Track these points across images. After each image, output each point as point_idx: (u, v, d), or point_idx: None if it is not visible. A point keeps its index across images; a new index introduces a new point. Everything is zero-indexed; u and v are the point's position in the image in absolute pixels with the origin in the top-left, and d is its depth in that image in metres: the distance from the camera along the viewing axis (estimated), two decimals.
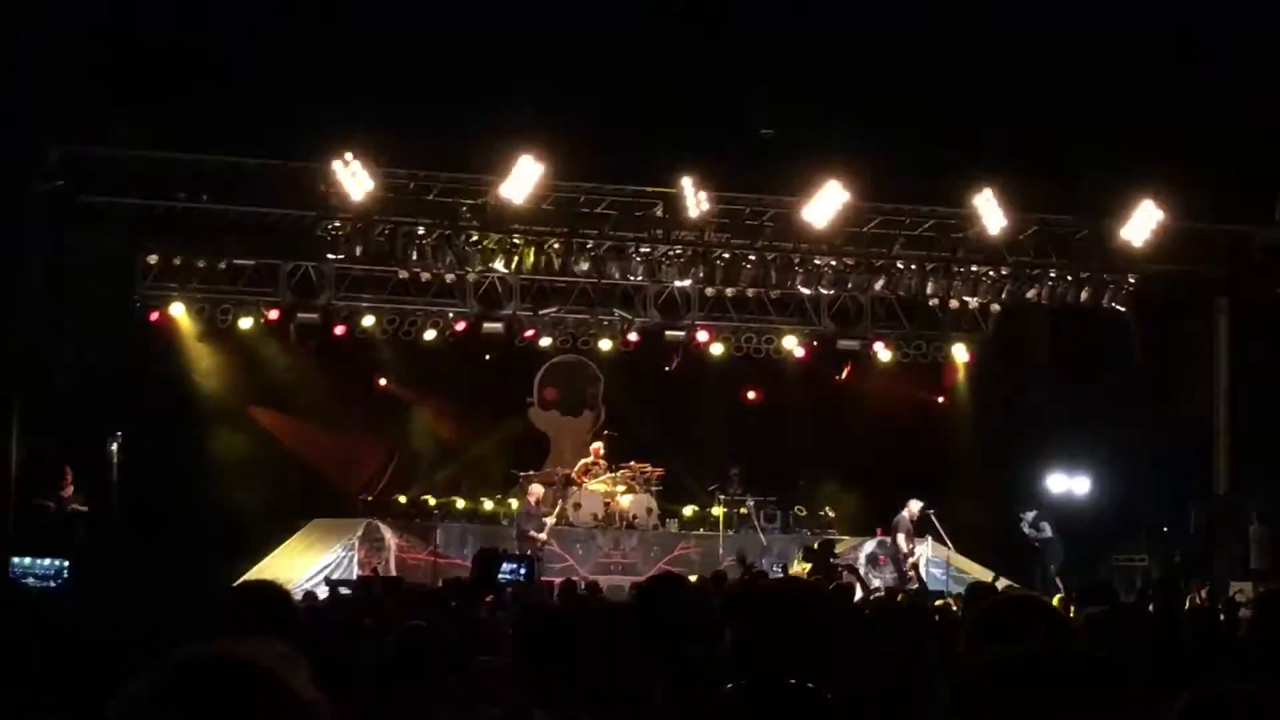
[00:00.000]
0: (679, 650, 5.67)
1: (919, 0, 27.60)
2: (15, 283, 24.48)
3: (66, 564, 22.08)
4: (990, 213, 29.15)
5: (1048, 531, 30.46)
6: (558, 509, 30.12)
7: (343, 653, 9.10)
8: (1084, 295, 30.53)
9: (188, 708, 2.51)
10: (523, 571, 18.41)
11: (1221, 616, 14.73)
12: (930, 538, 30.08)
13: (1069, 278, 30.54)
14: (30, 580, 19.74)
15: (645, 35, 27.01)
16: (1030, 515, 30.79)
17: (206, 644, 2.66)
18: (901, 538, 29.56)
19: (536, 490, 29.59)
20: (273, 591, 6.64)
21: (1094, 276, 30.47)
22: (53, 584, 19.87)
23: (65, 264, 27.22)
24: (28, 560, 21.66)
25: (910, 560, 29.38)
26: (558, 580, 22.66)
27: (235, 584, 8.99)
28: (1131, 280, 30.52)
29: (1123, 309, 30.77)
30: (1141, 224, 29.52)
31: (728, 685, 4.86)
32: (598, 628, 7.14)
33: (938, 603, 18.80)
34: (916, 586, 27.79)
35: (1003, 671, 2.86)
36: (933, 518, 29.48)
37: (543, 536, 28.78)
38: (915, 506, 29.62)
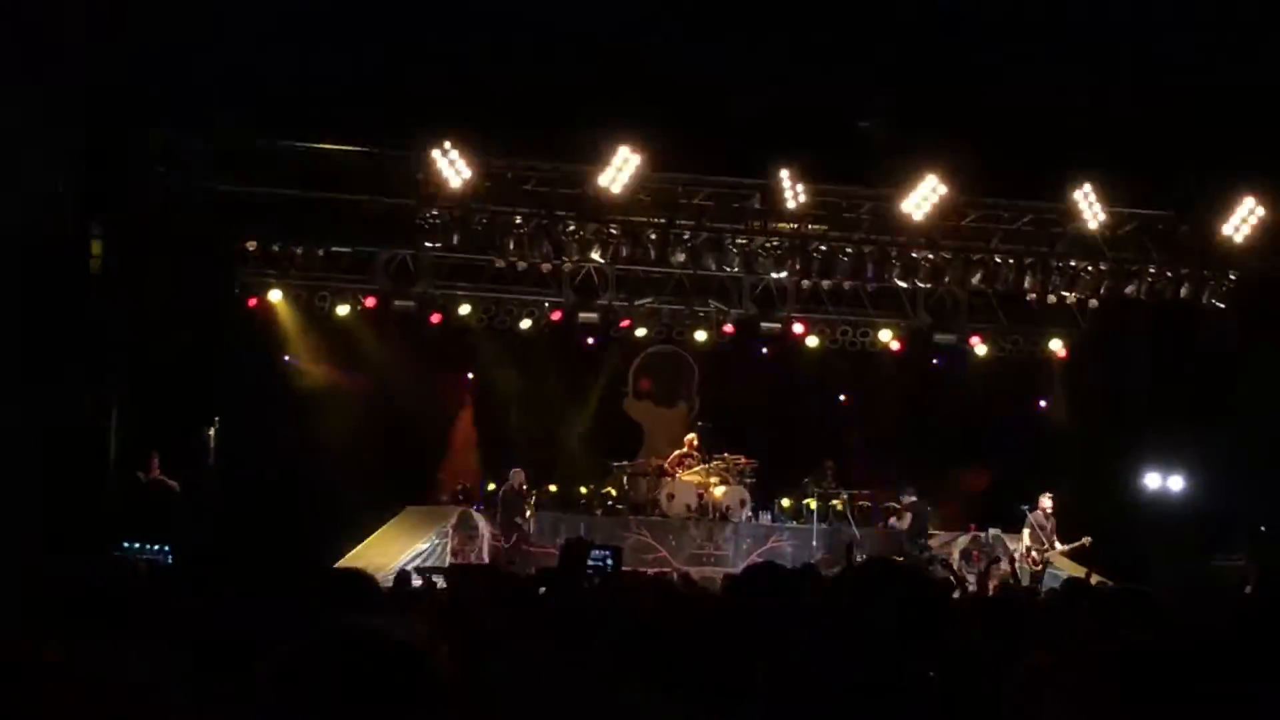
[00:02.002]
0: (781, 637, 5.66)
1: None
2: (116, 270, 24.67)
3: (169, 548, 22.32)
4: (1089, 208, 28.97)
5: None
6: (532, 501, 30.02)
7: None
8: (1183, 291, 30.32)
9: (337, 677, 2.53)
10: (609, 561, 18.38)
11: None
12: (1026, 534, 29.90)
13: (1168, 274, 30.32)
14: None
15: (742, 27, 26.96)
16: (907, 499, 30.41)
17: (360, 618, 2.68)
18: (1026, 533, 29.17)
19: (519, 474, 29.54)
20: (359, 578, 6.69)
21: (1193, 273, 30.24)
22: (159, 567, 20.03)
23: (165, 250, 27.44)
24: (136, 545, 21.89)
25: (1029, 557, 28.79)
26: (650, 571, 22.67)
27: (325, 570, 9.06)
28: (1232, 277, 30.26)
29: (1222, 305, 30.52)
30: (1242, 220, 29.26)
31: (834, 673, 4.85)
32: (707, 615, 7.15)
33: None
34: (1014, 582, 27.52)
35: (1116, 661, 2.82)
36: (1027, 514, 29.27)
37: (526, 525, 28.98)
38: (1047, 502, 29.24)
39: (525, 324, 31.61)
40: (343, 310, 30.69)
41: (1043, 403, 34.22)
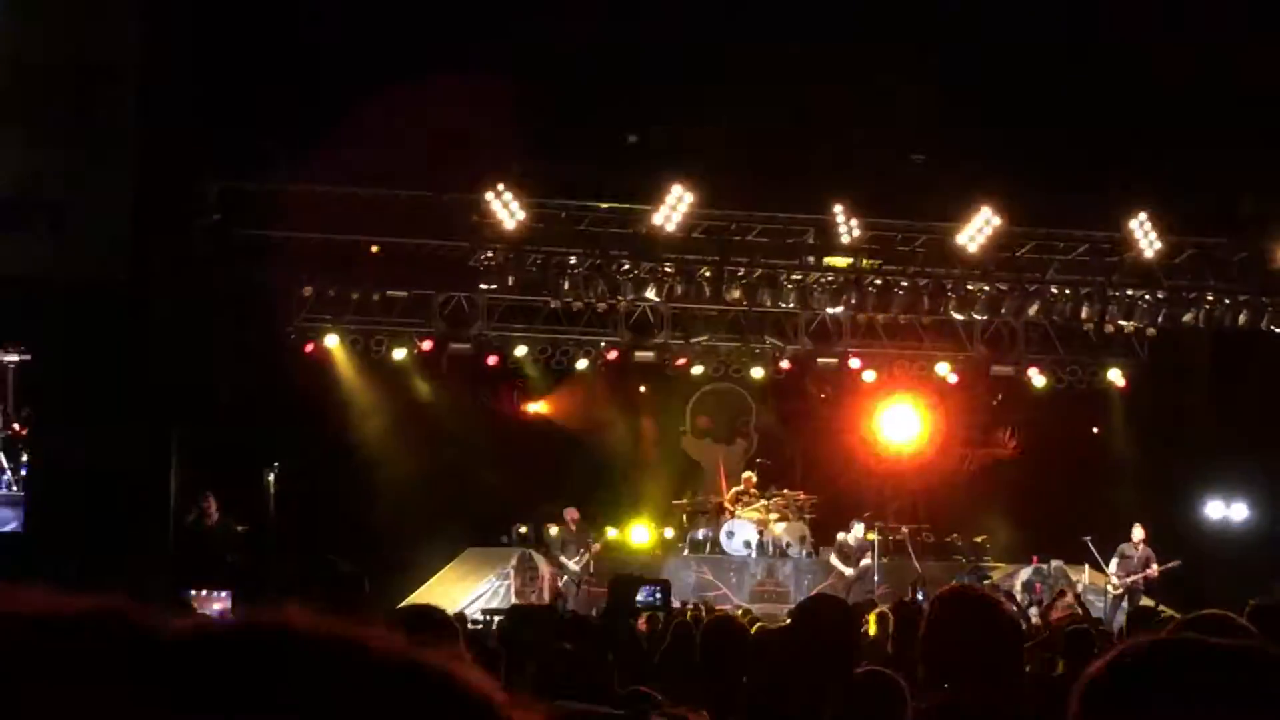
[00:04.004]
0: (845, 669, 5.62)
1: (1071, 20, 27.34)
2: (172, 315, 24.76)
3: (229, 595, 22.31)
4: (1146, 235, 28.84)
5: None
6: (594, 547, 29.68)
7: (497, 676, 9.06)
8: (1242, 318, 30.11)
9: None
10: (658, 595, 18.23)
11: None
12: (1088, 565, 29.71)
13: (1227, 301, 30.13)
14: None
15: (794, 62, 26.94)
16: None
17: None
18: (1115, 564, 28.92)
19: (573, 513, 29.46)
20: (436, 615, 6.64)
21: (1253, 299, 30.04)
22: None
23: (221, 296, 27.54)
24: (200, 594, 21.88)
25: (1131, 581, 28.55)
26: (710, 607, 22.58)
27: (399, 607, 9.03)
28: None
29: None
30: None
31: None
32: (773, 647, 7.11)
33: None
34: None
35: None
36: (1090, 545, 29.08)
37: (575, 567, 28.71)
38: (1139, 533, 28.98)
39: (581, 364, 31.58)
40: (399, 354, 30.69)
41: (1095, 429, 33.97)
